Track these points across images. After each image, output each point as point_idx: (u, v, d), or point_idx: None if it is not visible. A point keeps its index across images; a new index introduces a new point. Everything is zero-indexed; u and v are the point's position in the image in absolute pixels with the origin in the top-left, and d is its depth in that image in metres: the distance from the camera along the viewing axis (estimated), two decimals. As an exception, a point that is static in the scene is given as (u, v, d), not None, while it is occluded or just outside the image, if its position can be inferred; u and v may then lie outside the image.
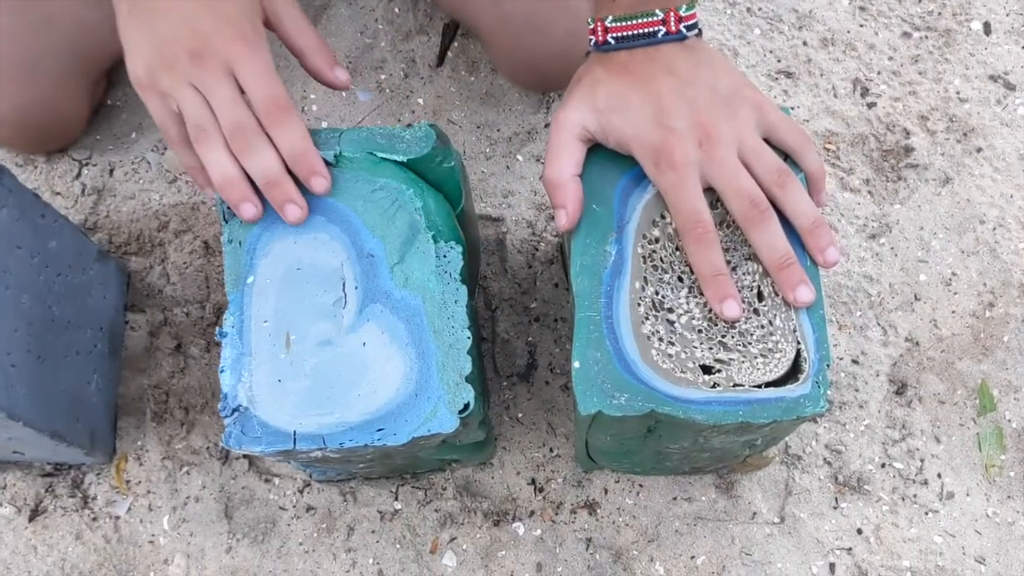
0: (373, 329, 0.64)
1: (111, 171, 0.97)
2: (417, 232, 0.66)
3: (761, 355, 0.63)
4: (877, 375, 0.88)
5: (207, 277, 0.92)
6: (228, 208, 0.67)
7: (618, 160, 0.67)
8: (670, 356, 0.63)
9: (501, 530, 0.84)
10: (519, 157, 0.96)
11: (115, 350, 0.89)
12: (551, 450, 0.87)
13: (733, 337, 0.63)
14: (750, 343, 0.63)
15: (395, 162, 0.67)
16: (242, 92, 0.63)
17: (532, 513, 0.85)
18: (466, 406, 0.63)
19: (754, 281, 0.64)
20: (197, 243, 0.93)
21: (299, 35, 0.69)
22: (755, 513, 0.84)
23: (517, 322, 0.90)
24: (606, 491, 0.85)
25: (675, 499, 0.85)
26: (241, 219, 0.65)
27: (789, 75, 1.00)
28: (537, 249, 0.92)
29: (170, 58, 0.62)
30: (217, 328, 0.64)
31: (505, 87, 0.99)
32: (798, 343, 0.63)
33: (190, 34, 0.62)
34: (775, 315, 0.63)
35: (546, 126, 0.97)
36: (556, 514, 0.85)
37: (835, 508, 0.84)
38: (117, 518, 0.85)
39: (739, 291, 0.64)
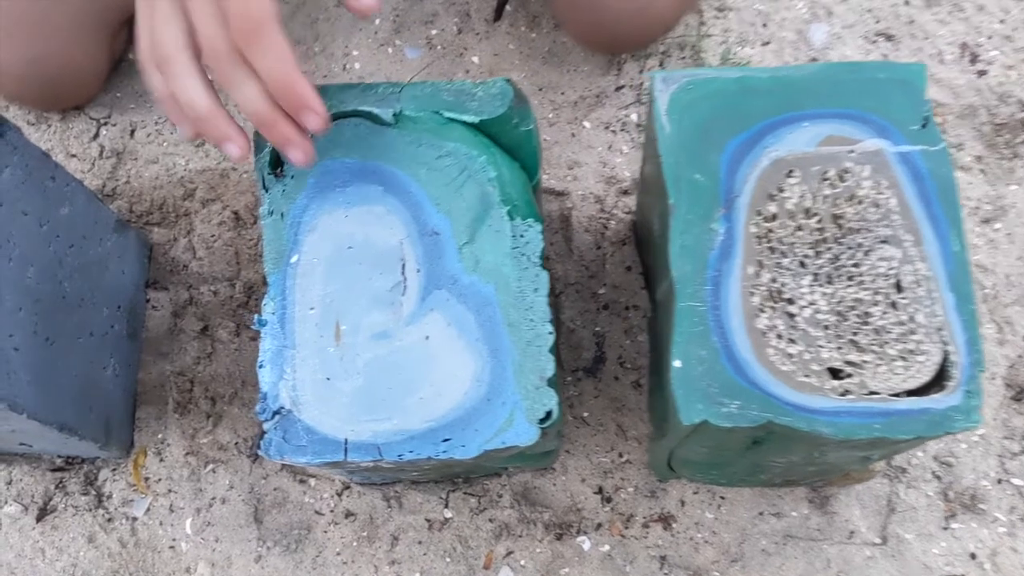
0: (438, 320, 0.55)
1: (132, 132, 0.87)
2: (490, 207, 0.56)
3: (901, 357, 0.52)
4: (993, 378, 0.78)
5: (237, 252, 0.83)
6: (268, 174, 0.57)
7: (725, 120, 0.57)
8: (790, 356, 0.53)
9: (564, 544, 0.75)
10: (586, 124, 0.86)
11: (134, 331, 0.80)
12: (620, 455, 0.77)
13: (867, 335, 0.53)
14: (887, 343, 0.53)
15: (464, 124, 0.57)
16: None
17: (599, 526, 0.75)
18: (548, 415, 0.53)
19: (891, 268, 0.54)
20: (227, 213, 0.84)
21: None
22: (853, 532, 0.74)
23: (583, 310, 0.80)
24: (683, 503, 0.76)
25: (761, 514, 0.75)
26: (229, 158, 0.54)
27: (889, 38, 0.89)
28: (607, 227, 0.82)
29: None
30: (255, 316, 0.55)
31: (569, 45, 0.89)
32: (945, 344, 0.52)
33: None
34: (917, 310, 0.53)
35: (616, 89, 0.87)
36: (626, 528, 0.75)
37: (945, 529, 0.74)
38: (134, 520, 0.76)
39: (867, 279, 0.53)
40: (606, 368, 0.79)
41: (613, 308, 0.80)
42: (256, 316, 0.55)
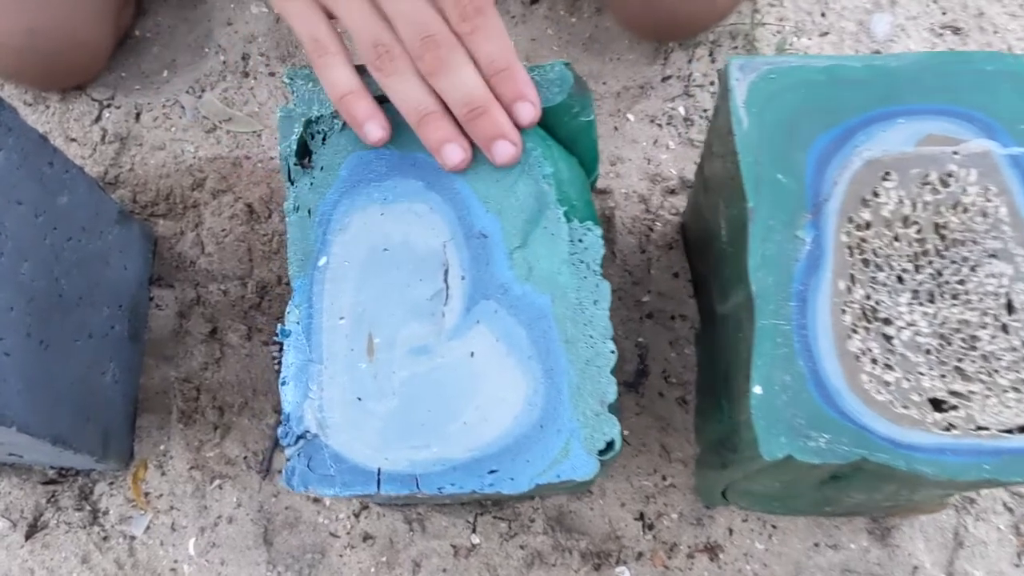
0: (484, 334, 0.48)
1: (138, 115, 0.81)
2: (545, 207, 0.49)
3: (1013, 388, 0.46)
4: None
5: (250, 248, 0.76)
6: (294, 164, 0.50)
7: (812, 115, 0.50)
8: (887, 384, 0.46)
9: (602, 575, 0.68)
10: (630, 116, 0.79)
11: (137, 333, 0.73)
12: (664, 478, 0.71)
13: (974, 362, 0.47)
14: (997, 371, 0.46)
15: (517, 111, 0.50)
16: None
17: (640, 555, 0.69)
18: (609, 445, 0.47)
19: (1001, 286, 0.47)
20: (239, 206, 0.77)
21: None
22: (917, 567, 0.68)
23: (626, 318, 0.74)
24: (731, 531, 0.69)
25: (817, 545, 0.69)
26: (444, 165, 0.49)
27: (956, 31, 0.82)
28: (652, 230, 0.76)
29: None
30: (278, 326, 0.48)
31: (613, 31, 0.82)
32: (1062, 376, 0.46)
33: None
34: (1031, 336, 0.47)
35: (663, 80, 0.80)
36: (669, 558, 0.69)
37: (1017, 566, 0.68)
38: (133, 538, 0.70)
39: (973, 297, 0.47)
40: (649, 383, 0.73)
41: (658, 317, 0.74)
42: (279, 326, 0.49)
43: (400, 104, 0.49)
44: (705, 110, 0.78)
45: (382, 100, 0.50)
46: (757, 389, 0.47)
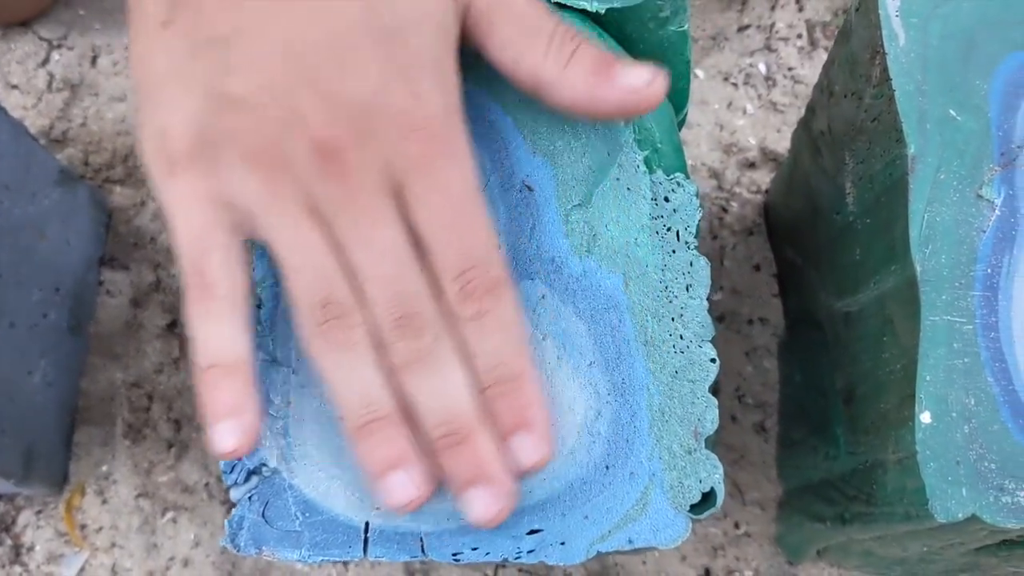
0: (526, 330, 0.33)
1: (94, 59, 0.67)
2: (617, 150, 0.35)
3: None
4: None
5: (223, 222, 0.62)
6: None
7: (996, 29, 0.36)
8: (1118, 419, 0.32)
9: (657, 648, 0.54)
10: (699, 73, 0.65)
11: (79, 324, 0.59)
12: (736, 525, 0.56)
13: None
14: None
15: (581, 14, 0.36)
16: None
17: (706, 624, 0.54)
18: (707, 496, 0.32)
19: None
20: (211, 170, 0.63)
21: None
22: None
23: (691, 321, 0.59)
24: (823, 596, 0.55)
25: (935, 618, 0.54)
26: (385, 501, 0.31)
27: None
28: (725, 211, 0.61)
29: (271, 132, 0.29)
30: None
31: (676, -27, 0.68)
32: None
33: (317, 96, 0.29)
34: None
35: (740, 30, 0.65)
36: (744, 628, 0.54)
37: None
38: (63, 583, 0.56)
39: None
40: (720, 403, 0.58)
41: (731, 321, 0.59)
42: (229, 309, 0.34)
43: (339, 391, 0.31)
44: (791, 68, 0.64)
45: None
46: (925, 417, 0.32)
